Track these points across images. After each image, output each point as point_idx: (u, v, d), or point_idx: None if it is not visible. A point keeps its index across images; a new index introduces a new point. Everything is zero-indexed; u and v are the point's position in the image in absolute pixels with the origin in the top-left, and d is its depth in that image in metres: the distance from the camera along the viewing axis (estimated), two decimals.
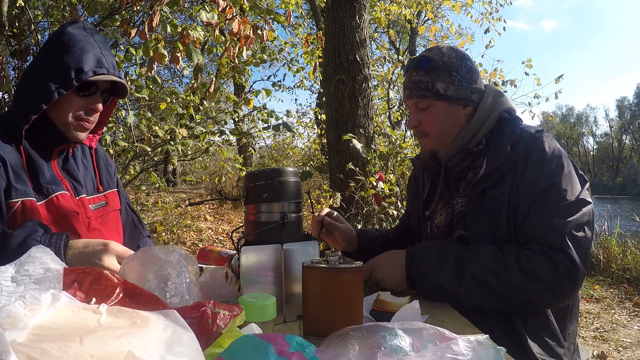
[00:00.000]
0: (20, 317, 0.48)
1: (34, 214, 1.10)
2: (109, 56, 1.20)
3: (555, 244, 1.07)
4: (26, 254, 0.63)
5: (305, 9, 9.35)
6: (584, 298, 4.28)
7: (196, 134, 3.45)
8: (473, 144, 1.26)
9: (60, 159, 1.25)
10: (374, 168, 3.83)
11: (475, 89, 1.28)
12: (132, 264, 0.90)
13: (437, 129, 1.29)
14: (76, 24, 1.20)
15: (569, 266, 1.05)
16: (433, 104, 1.26)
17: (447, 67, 1.24)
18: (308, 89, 9.92)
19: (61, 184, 1.20)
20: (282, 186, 1.03)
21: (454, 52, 1.27)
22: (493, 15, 7.09)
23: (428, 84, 1.25)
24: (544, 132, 1.23)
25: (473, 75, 1.28)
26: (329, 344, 0.64)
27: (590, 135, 77.97)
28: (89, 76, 1.13)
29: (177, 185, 11.83)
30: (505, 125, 1.24)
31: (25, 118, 1.10)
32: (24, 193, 1.10)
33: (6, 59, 2.49)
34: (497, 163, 1.18)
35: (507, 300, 1.09)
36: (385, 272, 1.20)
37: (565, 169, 1.15)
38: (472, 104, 1.27)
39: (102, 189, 1.34)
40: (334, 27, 4.21)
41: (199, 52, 2.41)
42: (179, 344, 0.50)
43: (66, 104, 1.15)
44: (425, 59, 1.26)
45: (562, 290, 1.07)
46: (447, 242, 1.24)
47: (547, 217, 1.10)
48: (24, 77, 1.19)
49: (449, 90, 1.24)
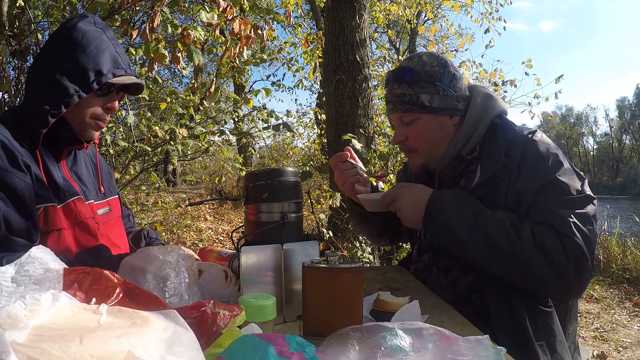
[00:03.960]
0: (20, 318, 0.48)
1: (55, 219, 1.08)
2: (122, 54, 1.16)
3: (562, 231, 1.04)
4: (26, 255, 0.63)
5: (305, 9, 9.34)
6: (584, 298, 4.28)
7: (196, 134, 3.45)
8: (467, 152, 1.24)
9: (68, 159, 1.22)
10: (374, 168, 3.83)
11: (461, 96, 1.24)
12: (131, 264, 0.90)
13: (425, 143, 1.25)
14: (86, 18, 1.15)
15: (577, 254, 1.03)
16: (419, 118, 1.22)
17: (430, 77, 1.20)
18: (308, 89, 9.91)
19: (74, 188, 1.17)
20: (282, 186, 1.03)
21: (435, 59, 1.23)
22: (493, 15, 7.08)
23: (412, 96, 1.20)
24: (536, 133, 1.21)
25: (457, 82, 1.23)
26: (329, 344, 0.64)
27: (590, 135, 78.00)
28: (108, 78, 1.10)
29: (177, 185, 11.82)
30: (498, 131, 1.22)
31: (43, 121, 1.05)
32: (46, 198, 1.06)
33: (6, 59, 2.49)
34: (492, 172, 1.16)
35: (509, 266, 1.07)
36: (406, 203, 1.18)
37: (563, 165, 1.14)
38: (459, 113, 1.24)
39: (103, 191, 1.31)
40: (334, 27, 4.21)
41: (200, 53, 2.41)
42: (179, 344, 0.50)
43: (84, 105, 1.11)
44: (406, 70, 1.22)
45: (567, 276, 1.04)
46: (472, 196, 1.20)
47: (551, 207, 1.08)
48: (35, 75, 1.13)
49: (434, 101, 1.20)
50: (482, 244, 1.07)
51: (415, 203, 1.18)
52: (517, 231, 1.06)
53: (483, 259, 1.09)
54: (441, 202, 1.14)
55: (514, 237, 1.05)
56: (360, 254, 3.80)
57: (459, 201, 1.14)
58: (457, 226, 1.10)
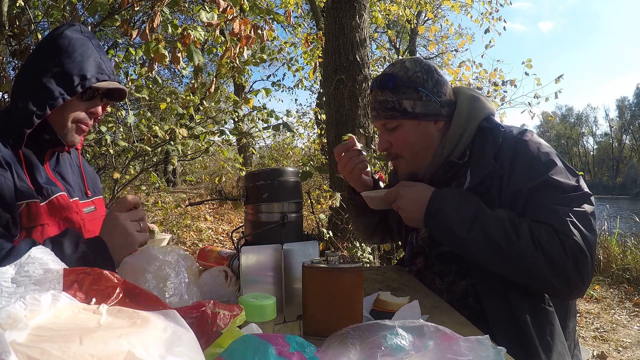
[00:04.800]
0: (20, 318, 0.48)
1: (38, 216, 1.10)
2: (107, 61, 1.22)
3: (560, 229, 1.04)
4: (26, 255, 0.63)
5: (305, 9, 9.34)
6: (584, 298, 4.28)
7: (196, 134, 3.45)
8: (456, 156, 1.23)
9: (52, 161, 1.25)
10: (374, 168, 3.83)
11: (445, 101, 1.23)
12: (130, 264, 0.90)
13: (409, 149, 1.25)
14: (73, 27, 1.21)
15: (576, 251, 1.03)
16: (402, 124, 1.22)
17: (412, 82, 1.20)
18: (308, 89, 9.92)
19: (57, 186, 1.20)
20: (282, 186, 1.03)
21: (419, 65, 1.23)
22: (493, 15, 7.09)
23: (394, 103, 1.21)
24: (526, 132, 1.20)
25: (441, 87, 1.23)
26: (329, 344, 0.64)
27: (590, 135, 77.99)
28: (92, 82, 1.15)
29: (177, 185, 11.82)
30: (487, 134, 1.21)
31: (28, 122, 1.09)
32: (28, 195, 1.09)
33: (6, 59, 2.49)
34: (481, 176, 1.16)
35: (509, 264, 1.07)
36: (408, 202, 1.19)
37: (556, 164, 1.13)
38: (444, 118, 1.23)
39: (90, 194, 1.34)
40: (334, 27, 4.21)
41: (200, 53, 2.41)
42: (179, 344, 0.50)
43: (68, 108, 1.16)
44: (388, 77, 1.22)
45: (567, 274, 1.04)
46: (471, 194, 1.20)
47: (548, 205, 1.08)
48: (22, 78, 1.19)
49: (416, 107, 1.20)
50: (481, 242, 1.08)
51: (416, 202, 1.18)
52: (515, 229, 1.06)
53: (482, 256, 1.09)
54: (441, 201, 1.15)
55: (512, 235, 1.05)
56: (360, 254, 3.80)
57: (459, 200, 1.14)
58: (457, 224, 1.10)
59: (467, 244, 1.10)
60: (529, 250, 1.04)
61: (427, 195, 1.17)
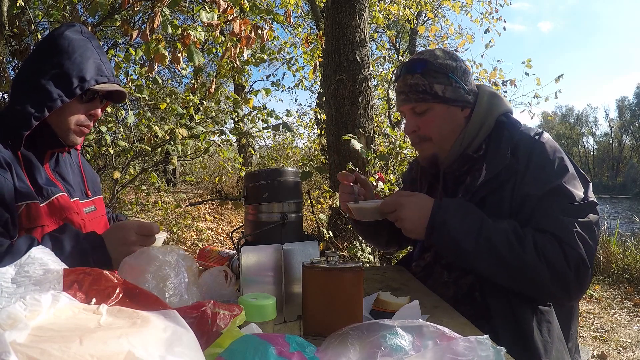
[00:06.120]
0: (20, 318, 0.48)
1: (37, 216, 1.10)
2: (107, 63, 1.21)
3: (565, 240, 1.05)
4: (26, 255, 0.63)
5: (305, 9, 9.34)
6: (584, 298, 4.28)
7: (196, 134, 3.45)
8: (472, 150, 1.24)
9: (51, 161, 1.25)
10: (373, 168, 3.83)
11: (471, 90, 1.27)
12: (130, 264, 0.90)
13: (437, 132, 1.26)
14: (74, 27, 1.20)
15: (579, 263, 1.04)
16: (432, 107, 1.24)
17: (443, 68, 1.22)
18: (308, 89, 9.92)
19: (57, 186, 1.20)
20: (282, 186, 1.03)
21: (447, 54, 1.26)
22: (493, 15, 7.09)
23: (425, 86, 1.22)
24: (543, 135, 1.21)
25: (467, 77, 1.27)
26: (329, 344, 0.64)
27: (590, 135, 78.00)
28: (91, 85, 1.14)
29: (177, 185, 11.82)
30: (504, 129, 1.22)
31: (26, 123, 1.09)
32: (28, 196, 1.09)
33: (6, 59, 2.49)
34: (497, 170, 1.16)
35: (512, 275, 1.07)
36: (408, 212, 1.15)
37: (568, 170, 1.14)
38: (470, 106, 1.26)
39: (90, 194, 1.34)
40: (334, 27, 4.21)
41: (200, 53, 2.41)
42: (179, 344, 0.50)
43: (67, 110, 1.16)
44: (419, 62, 1.24)
45: (568, 283, 1.05)
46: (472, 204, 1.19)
47: (554, 215, 1.08)
48: (20, 79, 1.18)
49: (447, 92, 1.22)
50: (486, 255, 1.07)
51: (418, 213, 1.15)
52: (520, 241, 1.06)
53: (486, 268, 1.09)
54: (444, 213, 1.13)
55: (517, 247, 1.06)
56: (360, 254, 3.80)
57: (462, 211, 1.13)
58: (461, 237, 1.09)
59: (472, 256, 1.09)
60: (533, 261, 1.04)
61: (429, 205, 1.15)
